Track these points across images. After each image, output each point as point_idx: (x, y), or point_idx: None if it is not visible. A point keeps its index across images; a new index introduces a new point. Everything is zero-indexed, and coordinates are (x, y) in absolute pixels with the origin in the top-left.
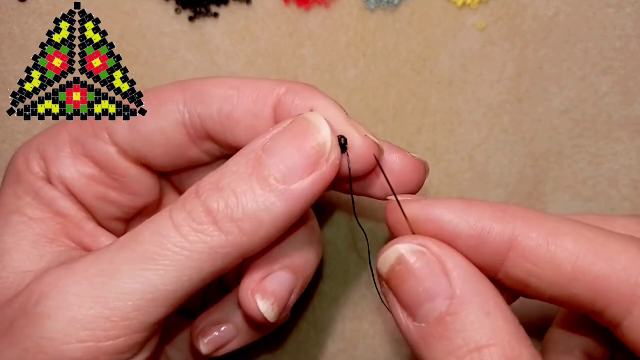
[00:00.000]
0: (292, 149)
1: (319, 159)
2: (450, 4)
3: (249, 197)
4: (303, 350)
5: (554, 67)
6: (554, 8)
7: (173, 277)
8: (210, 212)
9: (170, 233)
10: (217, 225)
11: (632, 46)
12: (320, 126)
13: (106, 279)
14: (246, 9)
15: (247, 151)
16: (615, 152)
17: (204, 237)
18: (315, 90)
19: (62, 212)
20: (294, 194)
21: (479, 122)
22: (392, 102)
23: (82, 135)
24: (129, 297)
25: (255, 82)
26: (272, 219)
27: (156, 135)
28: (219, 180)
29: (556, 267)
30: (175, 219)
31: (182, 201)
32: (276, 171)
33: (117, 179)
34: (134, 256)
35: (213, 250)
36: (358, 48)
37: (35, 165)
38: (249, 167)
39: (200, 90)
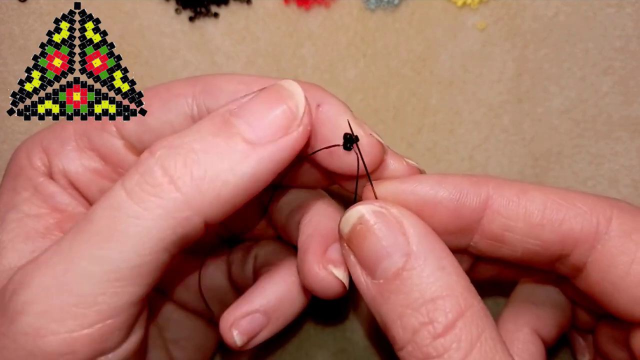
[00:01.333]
0: (262, 111)
1: (290, 122)
2: (450, 4)
3: (213, 156)
4: (303, 350)
5: (554, 67)
6: (554, 8)
7: (133, 252)
8: (167, 170)
9: (123, 203)
10: (174, 184)
11: (632, 46)
12: (294, 91)
13: (67, 265)
14: (246, 9)
15: (212, 114)
16: (615, 152)
17: (159, 200)
18: (322, 89)
19: (60, 207)
20: (262, 155)
21: (479, 122)
22: (392, 102)
23: (88, 128)
24: (92, 280)
25: (263, 78)
26: (237, 180)
27: (165, 129)
28: (178, 138)
29: (527, 217)
30: (127, 185)
31: (135, 164)
32: (245, 131)
33: (122, 172)
34: (90, 237)
35: (171, 215)
36: (358, 48)
37: (37, 160)
38: (215, 127)
39: (209, 84)
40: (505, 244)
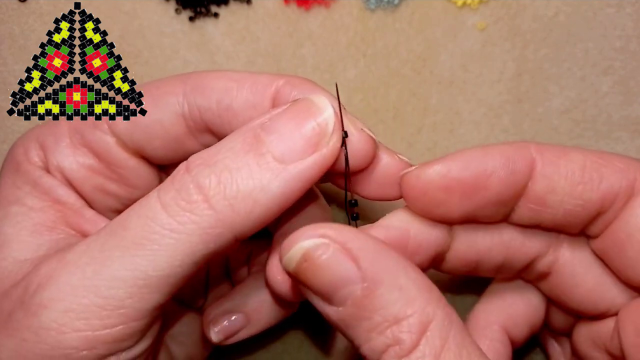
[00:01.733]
0: (292, 127)
1: (319, 139)
2: (450, 4)
3: (244, 174)
4: (303, 350)
5: (554, 67)
6: (554, 8)
7: (164, 262)
8: (201, 189)
9: (158, 215)
10: (208, 202)
11: (632, 46)
12: (324, 107)
13: (97, 267)
14: (246, 9)
15: (244, 129)
16: (615, 152)
17: (194, 216)
18: (313, 84)
19: (61, 200)
20: (292, 174)
21: (479, 122)
22: (392, 102)
23: (81, 125)
24: (121, 284)
25: (254, 75)
26: (268, 198)
27: (155, 127)
28: (212, 155)
29: (569, 176)
30: (162, 198)
31: (171, 178)
32: (275, 149)
33: (116, 170)
34: (122, 242)
35: (204, 231)
36: (358, 48)
37: (34, 155)
38: (246, 144)
39: (200, 82)
40: (547, 206)
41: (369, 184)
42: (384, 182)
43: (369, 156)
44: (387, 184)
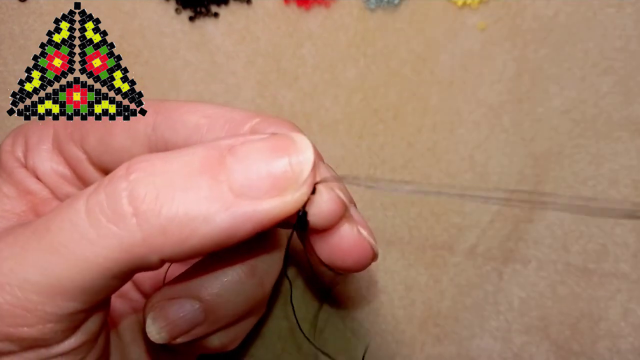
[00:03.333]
0: (262, 161)
1: (288, 184)
2: (450, 4)
3: (191, 197)
4: (303, 350)
5: (554, 67)
6: (554, 8)
7: (78, 273)
8: (135, 199)
9: (80, 221)
10: (138, 217)
11: (632, 46)
12: (303, 149)
13: (14, 265)
14: (246, 9)
15: (210, 145)
16: (615, 152)
17: (117, 230)
18: (293, 125)
19: (32, 191)
20: (244, 212)
21: (479, 122)
22: (392, 102)
23: (62, 133)
24: (34, 288)
25: (230, 111)
26: (209, 231)
27: (123, 153)
28: (162, 162)
29: None
30: (90, 202)
31: (108, 178)
32: (235, 179)
33: (86, 184)
34: (41, 245)
35: (125, 249)
36: (358, 48)
37: (18, 149)
38: (206, 163)
39: (171, 115)
40: None
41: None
42: (334, 249)
43: (332, 221)
44: (337, 253)
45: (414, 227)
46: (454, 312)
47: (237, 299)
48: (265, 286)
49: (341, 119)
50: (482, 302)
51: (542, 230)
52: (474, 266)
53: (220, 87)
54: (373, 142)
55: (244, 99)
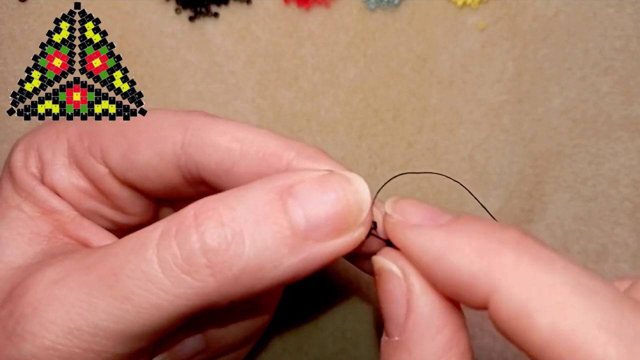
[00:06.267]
0: (322, 202)
1: (348, 224)
2: (450, 4)
3: (259, 244)
4: (303, 351)
5: (554, 67)
6: (554, 8)
7: (152, 320)
8: (208, 252)
9: (152, 270)
10: (212, 269)
11: (632, 46)
12: (360, 189)
13: (82, 312)
14: (246, 8)
15: (269, 187)
16: (615, 152)
17: (193, 281)
18: (326, 156)
19: (56, 210)
20: (309, 254)
21: (479, 122)
22: (392, 102)
23: (77, 147)
24: (105, 334)
25: (261, 136)
26: (276, 276)
27: (149, 171)
28: (228, 209)
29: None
30: (161, 252)
31: (175, 227)
32: (298, 222)
33: (109, 197)
34: (111, 292)
35: (200, 298)
36: (358, 48)
37: (32, 165)
38: (268, 206)
39: (201, 134)
40: None
41: None
42: None
43: None
44: None
45: None
46: None
47: (238, 331)
48: (264, 317)
49: (341, 119)
50: None
51: (542, 230)
52: None
53: (220, 87)
54: (373, 142)
55: (244, 99)
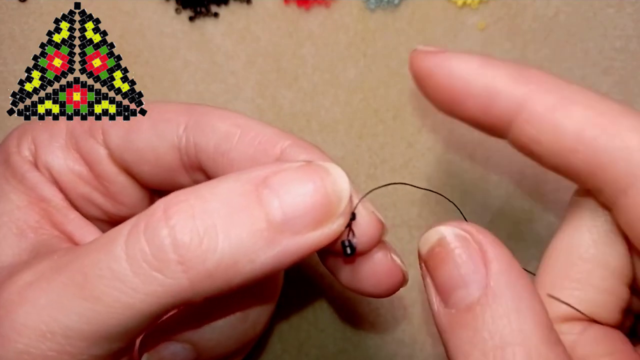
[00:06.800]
0: (300, 193)
1: (327, 215)
2: (451, 4)
3: (234, 238)
4: (303, 351)
5: (554, 67)
6: (554, 8)
7: (124, 318)
8: (179, 247)
9: (122, 269)
10: (184, 265)
11: (632, 46)
12: (339, 179)
13: (54, 313)
14: (246, 8)
15: (245, 179)
16: None
17: (163, 278)
18: (322, 152)
19: (46, 198)
20: (286, 248)
21: None
22: (392, 102)
23: (78, 129)
24: (77, 335)
25: (260, 125)
26: (252, 270)
27: (148, 152)
28: (201, 201)
29: (558, 135)
30: (130, 248)
31: (145, 220)
32: (275, 214)
33: (104, 183)
34: (81, 293)
35: (172, 295)
36: (358, 48)
37: (25, 149)
38: (243, 197)
39: (203, 118)
40: (535, 155)
41: (350, 272)
42: (366, 275)
43: (372, 244)
44: (369, 279)
45: (414, 227)
46: None
47: (229, 342)
48: (256, 328)
49: (341, 119)
50: None
51: (542, 230)
52: None
53: (220, 87)
54: (373, 142)
55: (244, 99)
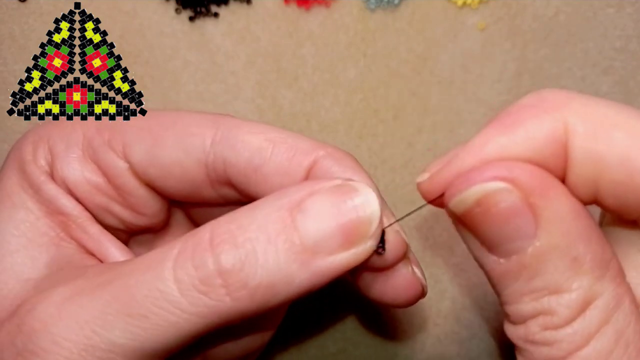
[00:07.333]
0: (331, 215)
1: (359, 236)
2: (450, 4)
3: (272, 262)
4: (303, 350)
5: (554, 67)
6: (554, 8)
7: (168, 337)
8: (223, 273)
9: (169, 290)
10: (227, 289)
11: (632, 46)
12: (370, 200)
13: (97, 329)
14: (246, 8)
15: (279, 204)
16: None
17: (209, 300)
18: (355, 162)
19: (64, 211)
20: (319, 268)
21: (479, 122)
22: (392, 102)
23: (96, 140)
24: (119, 350)
25: (292, 137)
26: (289, 291)
27: (174, 168)
28: (241, 230)
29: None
30: (178, 272)
31: (192, 249)
32: (308, 236)
33: (123, 194)
34: (127, 310)
35: (216, 316)
36: (358, 48)
37: (41, 158)
38: (279, 223)
39: (232, 132)
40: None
41: (371, 282)
42: (387, 287)
43: (396, 261)
44: (390, 291)
45: (414, 227)
46: (454, 312)
47: (237, 351)
48: (265, 339)
49: (341, 119)
50: (482, 302)
51: None
52: (474, 266)
53: (220, 87)
54: (373, 142)
55: (244, 99)
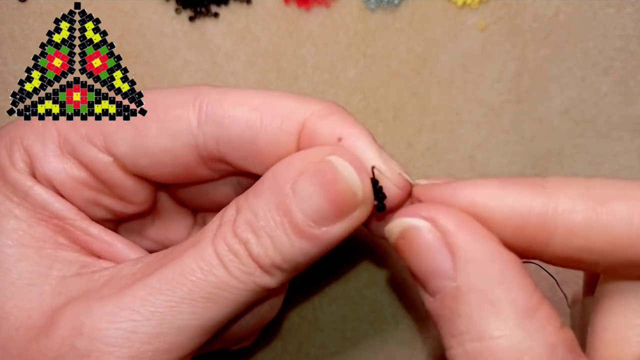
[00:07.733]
0: (320, 195)
1: (348, 206)
2: (450, 4)
3: (286, 244)
4: (303, 351)
5: (554, 67)
6: (554, 8)
7: (228, 312)
8: (255, 258)
9: (222, 274)
10: (262, 269)
11: (632, 46)
12: (348, 173)
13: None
14: (246, 8)
15: (275, 190)
16: (615, 152)
17: (254, 277)
18: (343, 114)
19: (59, 214)
20: (325, 237)
21: (479, 122)
22: (392, 102)
23: (73, 137)
24: (187, 331)
25: (278, 101)
26: (306, 260)
27: (164, 155)
28: (253, 222)
29: (611, 237)
30: (225, 259)
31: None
32: (307, 217)
33: (110, 187)
34: (191, 295)
35: (262, 288)
36: (358, 48)
37: (19, 161)
38: (280, 210)
39: (217, 110)
40: (584, 263)
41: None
42: None
43: (400, 203)
44: None
45: None
46: None
47: (248, 326)
48: (274, 310)
49: None
50: None
51: None
52: None
53: None
54: None
55: None
